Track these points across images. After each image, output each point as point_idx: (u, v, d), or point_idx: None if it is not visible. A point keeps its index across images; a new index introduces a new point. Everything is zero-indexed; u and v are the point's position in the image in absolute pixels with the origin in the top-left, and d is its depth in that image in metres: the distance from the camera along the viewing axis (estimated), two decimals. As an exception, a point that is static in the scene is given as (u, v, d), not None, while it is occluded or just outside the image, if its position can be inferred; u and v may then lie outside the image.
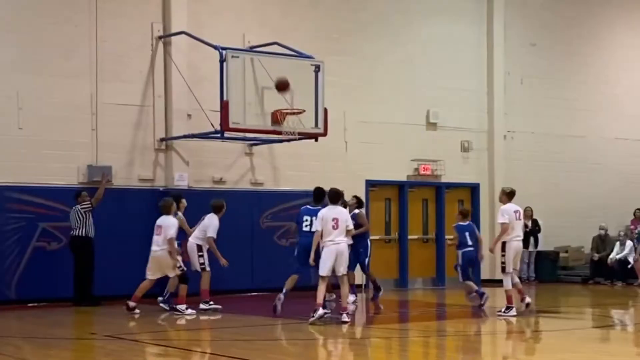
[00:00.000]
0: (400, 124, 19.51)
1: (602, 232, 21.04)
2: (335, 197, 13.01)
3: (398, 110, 19.49)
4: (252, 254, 17.37)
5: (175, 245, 13.88)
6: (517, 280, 14.12)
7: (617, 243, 20.61)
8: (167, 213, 13.97)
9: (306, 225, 13.81)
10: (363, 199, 18.83)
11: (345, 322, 12.55)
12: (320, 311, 12.59)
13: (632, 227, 21.58)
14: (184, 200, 14.79)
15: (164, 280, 14.26)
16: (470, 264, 15.11)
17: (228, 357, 9.98)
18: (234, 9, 17.83)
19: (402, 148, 19.48)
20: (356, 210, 15.34)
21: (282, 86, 15.05)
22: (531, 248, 20.97)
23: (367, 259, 15.27)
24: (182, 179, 16.78)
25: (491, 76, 20.87)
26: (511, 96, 21.08)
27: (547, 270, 21.11)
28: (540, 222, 21.02)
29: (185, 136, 16.60)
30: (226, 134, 15.82)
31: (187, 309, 13.94)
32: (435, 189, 20.18)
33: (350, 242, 13.80)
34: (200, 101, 16.40)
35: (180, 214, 14.46)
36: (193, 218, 14.73)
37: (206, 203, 15.19)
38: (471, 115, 20.64)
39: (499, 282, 14.92)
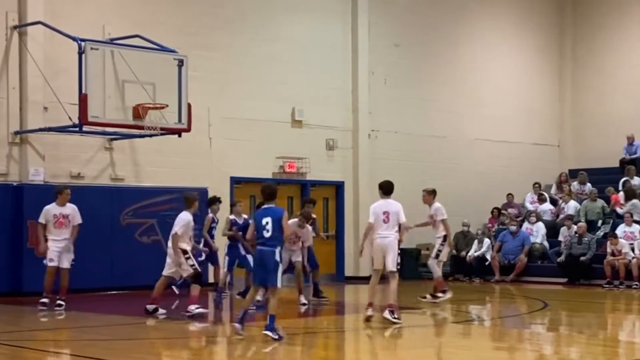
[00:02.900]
0: (266, 121, 19.41)
1: (465, 228, 21.52)
2: (391, 188, 12.95)
3: (263, 107, 19.38)
4: (112, 251, 16.88)
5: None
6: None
7: (476, 241, 21.14)
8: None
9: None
10: (228, 195, 18.73)
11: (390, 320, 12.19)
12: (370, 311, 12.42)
13: (489, 225, 22.20)
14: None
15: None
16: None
17: (84, 357, 9.67)
18: (94, -1, 17.34)
19: (267, 145, 19.38)
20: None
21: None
22: (394, 246, 21.22)
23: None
24: (37, 174, 16.22)
25: (356, 75, 21.04)
26: (375, 96, 21.31)
27: (409, 267, 21.39)
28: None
29: (41, 129, 16.04)
30: (85, 128, 15.48)
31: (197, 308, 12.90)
32: (301, 187, 20.19)
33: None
34: (57, 94, 15.87)
35: None
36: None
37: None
38: (336, 114, 20.75)
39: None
